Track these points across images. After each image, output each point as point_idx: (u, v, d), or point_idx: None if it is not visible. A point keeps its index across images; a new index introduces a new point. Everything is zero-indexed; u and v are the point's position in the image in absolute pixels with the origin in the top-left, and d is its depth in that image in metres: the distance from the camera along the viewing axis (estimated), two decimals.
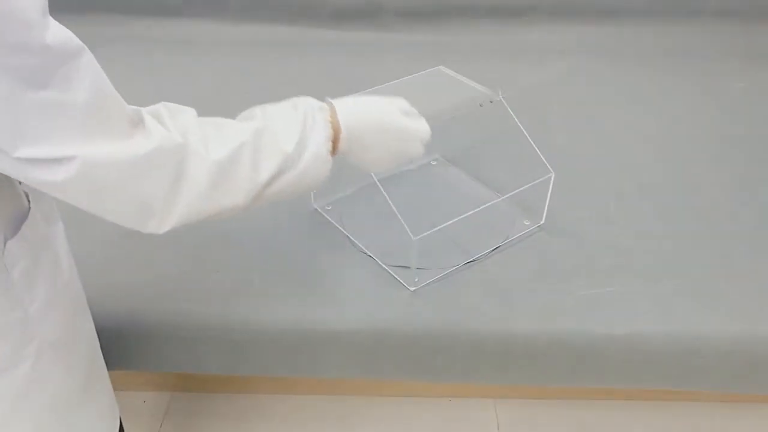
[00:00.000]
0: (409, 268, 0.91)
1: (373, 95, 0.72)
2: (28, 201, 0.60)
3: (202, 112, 0.62)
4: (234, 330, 0.87)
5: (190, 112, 0.60)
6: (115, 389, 0.77)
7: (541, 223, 1.02)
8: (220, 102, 1.37)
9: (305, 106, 0.66)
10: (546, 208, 1.01)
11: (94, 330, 0.72)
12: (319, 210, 1.04)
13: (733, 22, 1.60)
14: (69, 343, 0.64)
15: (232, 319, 0.88)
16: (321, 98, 1.01)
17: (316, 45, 1.60)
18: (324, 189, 1.05)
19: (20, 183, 0.59)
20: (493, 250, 0.97)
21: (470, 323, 0.87)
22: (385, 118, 0.70)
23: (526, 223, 1.02)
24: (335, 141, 0.67)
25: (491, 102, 0.97)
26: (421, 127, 0.72)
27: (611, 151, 1.22)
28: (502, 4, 1.60)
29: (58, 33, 0.46)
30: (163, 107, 0.58)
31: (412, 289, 0.91)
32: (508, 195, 0.96)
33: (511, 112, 0.96)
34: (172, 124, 0.57)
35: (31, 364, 0.59)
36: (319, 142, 0.65)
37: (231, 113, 1.41)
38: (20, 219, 0.58)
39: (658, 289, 0.92)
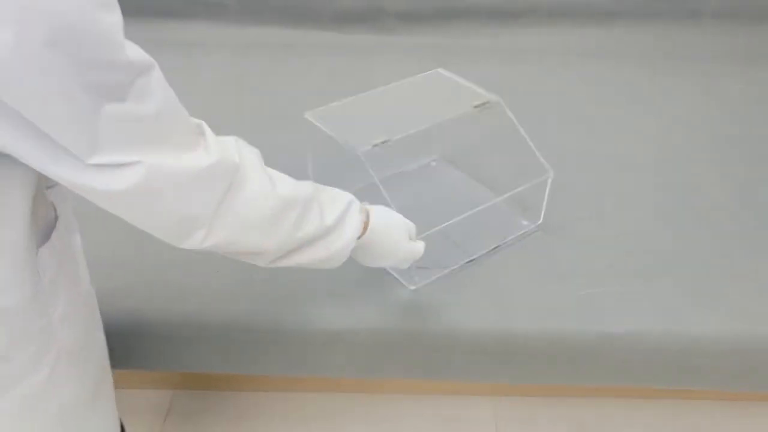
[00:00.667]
0: (408, 267, 0.91)
1: (396, 213, 0.78)
2: (55, 210, 0.61)
3: (203, 115, 0.63)
4: (235, 329, 0.88)
5: (256, 151, 0.64)
6: (117, 387, 0.77)
7: (539, 222, 1.02)
8: (222, 104, 1.39)
9: (350, 199, 0.72)
10: (544, 207, 1.01)
11: (105, 338, 0.73)
12: None
13: (732, 23, 1.60)
14: (84, 351, 0.65)
15: (233, 319, 0.88)
16: (321, 100, 1.03)
17: (317, 47, 1.61)
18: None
19: (47, 189, 0.61)
20: (492, 249, 0.98)
21: (470, 323, 0.87)
22: (397, 243, 0.77)
23: (525, 222, 1.02)
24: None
25: (488, 104, 0.97)
26: (418, 251, 0.80)
27: (611, 151, 1.23)
28: (501, 6, 1.61)
29: (133, 49, 0.49)
30: (234, 138, 0.61)
31: (412, 288, 0.91)
32: (506, 195, 0.96)
33: (510, 114, 0.97)
34: (235, 149, 0.59)
35: (49, 371, 0.59)
36: (351, 237, 0.70)
37: (232, 115, 1.42)
38: (50, 227, 0.60)
39: (658, 289, 0.92)
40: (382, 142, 0.90)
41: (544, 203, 1.00)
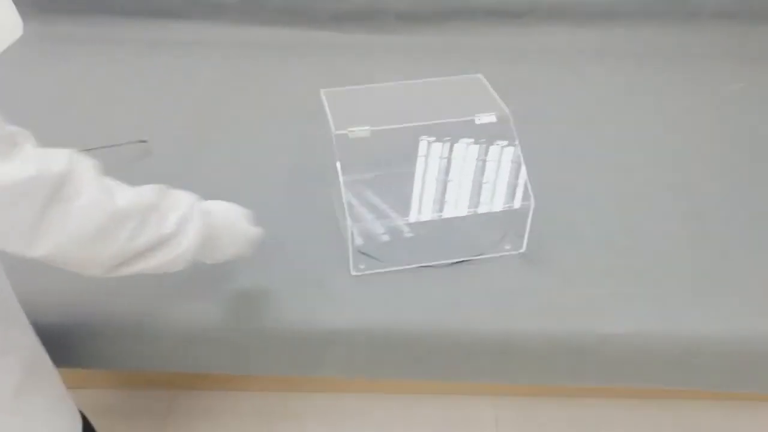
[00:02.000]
0: (373, 257, 0.92)
1: (231, 204, 0.80)
2: None
3: (203, 114, 0.63)
4: (234, 330, 0.88)
5: (94, 162, 0.63)
6: (116, 388, 0.77)
7: (522, 250, 0.98)
8: (221, 104, 1.39)
9: (191, 202, 0.72)
10: (526, 236, 0.96)
11: (34, 342, 0.72)
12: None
13: (731, 23, 1.60)
14: None
15: (225, 320, 0.88)
16: (320, 100, 1.02)
17: (317, 47, 1.60)
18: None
19: None
20: (457, 262, 0.96)
21: (470, 323, 0.87)
22: (240, 231, 0.79)
23: (507, 247, 0.98)
24: None
25: (493, 118, 0.95)
26: (257, 235, 0.82)
27: (610, 152, 1.22)
28: (501, 6, 1.60)
29: None
30: (68, 151, 0.60)
31: (354, 273, 0.92)
32: (472, 211, 0.96)
33: (515, 133, 0.95)
34: (65, 161, 0.58)
35: None
36: (192, 242, 0.70)
37: (231, 115, 1.42)
38: None
39: (658, 289, 0.92)
40: (361, 130, 0.91)
41: (527, 232, 0.96)
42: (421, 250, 0.97)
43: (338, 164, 0.89)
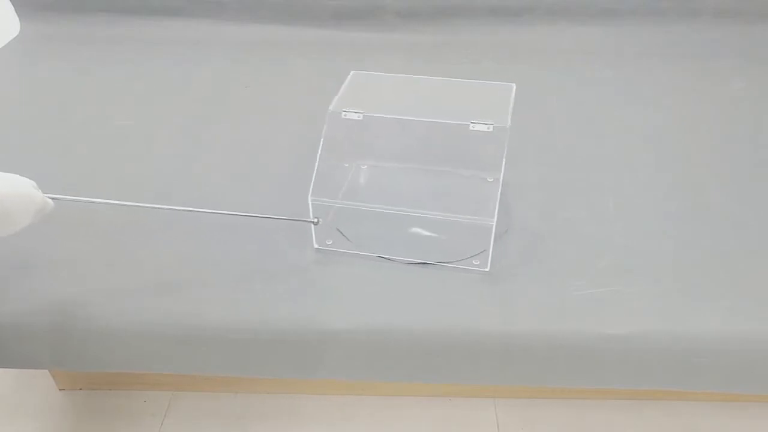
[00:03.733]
0: (342, 233, 0.94)
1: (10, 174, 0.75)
2: None
3: (203, 113, 0.62)
4: (231, 331, 0.88)
5: None
6: (115, 388, 0.77)
7: (486, 270, 0.94)
8: (221, 102, 1.39)
9: None
10: (490, 255, 0.93)
11: None
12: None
13: (734, 21, 1.60)
14: None
15: (227, 320, 0.88)
16: (320, 98, 1.02)
17: (317, 45, 1.60)
18: None
19: None
20: (420, 263, 0.95)
21: (469, 323, 0.87)
22: (28, 197, 0.74)
23: (475, 262, 0.95)
24: None
25: (488, 127, 0.94)
26: (49, 202, 0.77)
27: (611, 151, 1.22)
28: (502, 4, 1.60)
29: None
30: None
31: (315, 246, 0.95)
32: (435, 215, 0.95)
33: (505, 147, 0.93)
34: None
35: None
36: None
37: (231, 113, 1.42)
38: None
39: (658, 289, 0.92)
40: (354, 112, 0.93)
41: (490, 251, 0.93)
42: (388, 242, 0.97)
43: (322, 140, 0.91)
